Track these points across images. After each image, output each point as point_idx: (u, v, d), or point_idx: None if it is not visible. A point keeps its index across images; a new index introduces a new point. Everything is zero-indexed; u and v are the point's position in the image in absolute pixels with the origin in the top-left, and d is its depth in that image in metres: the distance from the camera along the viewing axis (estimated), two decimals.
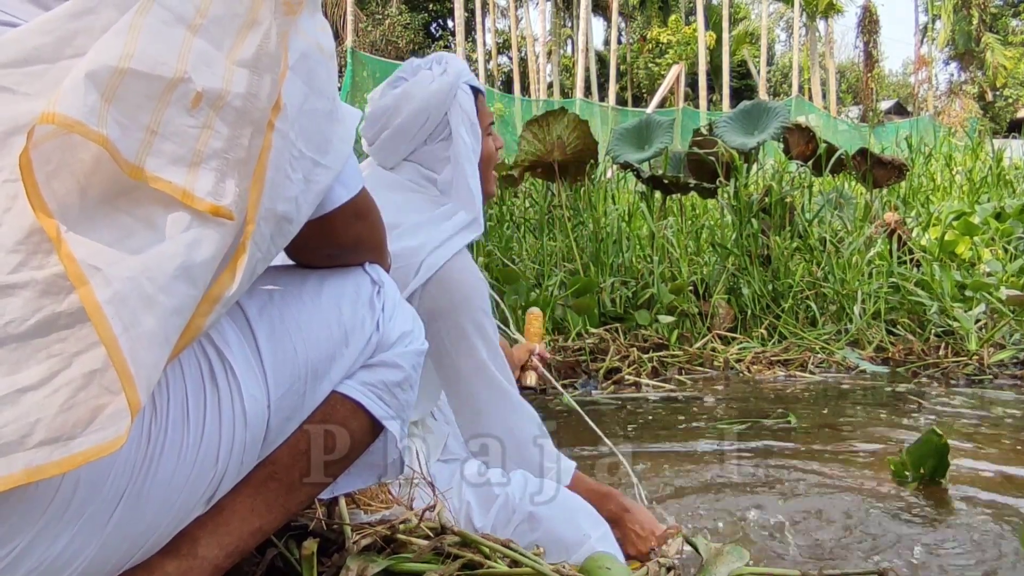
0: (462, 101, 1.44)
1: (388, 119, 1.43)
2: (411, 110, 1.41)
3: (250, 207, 0.68)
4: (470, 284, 1.37)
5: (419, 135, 1.43)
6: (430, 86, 1.42)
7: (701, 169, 4.62)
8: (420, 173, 1.45)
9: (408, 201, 1.40)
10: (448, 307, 1.34)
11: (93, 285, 0.59)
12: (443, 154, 1.45)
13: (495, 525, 1.26)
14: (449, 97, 1.43)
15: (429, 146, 1.45)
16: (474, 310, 1.36)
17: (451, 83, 1.43)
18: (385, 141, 1.44)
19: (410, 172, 1.46)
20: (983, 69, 32.20)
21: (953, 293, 3.64)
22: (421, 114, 1.41)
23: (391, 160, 1.47)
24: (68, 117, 0.58)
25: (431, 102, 1.41)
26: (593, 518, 1.31)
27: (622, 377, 3.13)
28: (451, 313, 1.34)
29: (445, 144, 1.44)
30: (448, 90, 1.42)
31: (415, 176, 1.45)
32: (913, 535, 1.61)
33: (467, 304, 1.35)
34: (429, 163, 1.45)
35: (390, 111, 1.43)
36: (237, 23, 0.69)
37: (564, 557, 1.22)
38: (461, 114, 1.44)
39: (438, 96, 1.42)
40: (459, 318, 1.35)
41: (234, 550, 0.81)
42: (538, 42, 27.63)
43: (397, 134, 1.42)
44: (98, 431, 0.60)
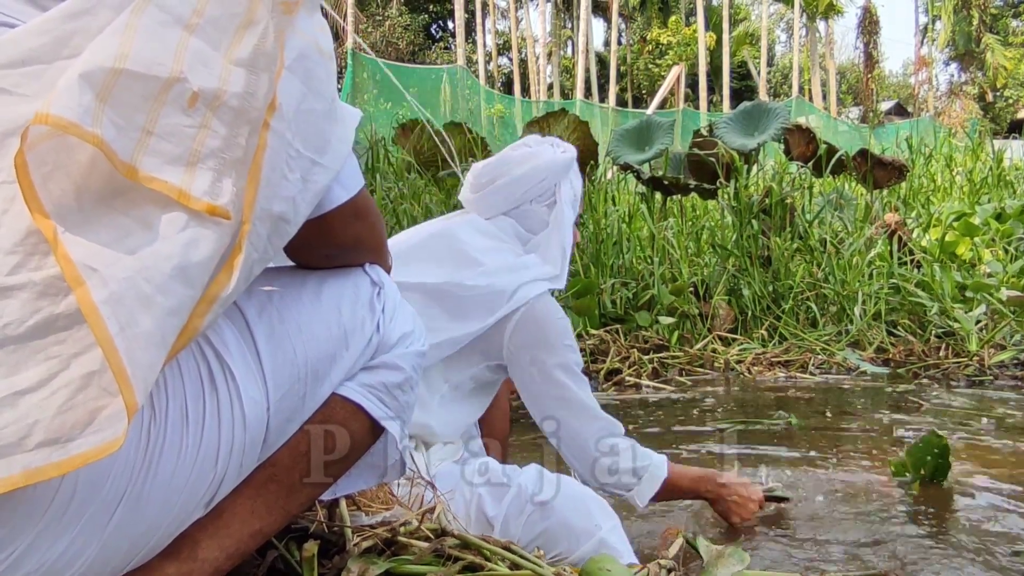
0: (573, 180, 1.62)
1: (509, 169, 1.56)
2: (532, 168, 1.55)
3: (246, 207, 0.68)
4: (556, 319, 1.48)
5: (529, 192, 1.56)
6: (553, 155, 1.58)
7: (701, 170, 4.62)
8: (515, 230, 1.58)
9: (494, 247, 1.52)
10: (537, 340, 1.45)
11: (90, 286, 0.58)
12: (542, 217, 1.58)
13: (508, 515, 1.30)
14: (564, 171, 1.59)
15: (533, 206, 1.58)
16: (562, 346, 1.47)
17: (570, 160, 1.60)
18: (498, 188, 1.56)
19: (506, 226, 1.57)
20: (983, 70, 32.21)
21: (954, 294, 3.64)
22: (539, 173, 1.56)
23: (492, 210, 1.58)
24: (62, 118, 0.58)
25: (551, 168, 1.57)
26: (605, 510, 1.34)
27: (623, 378, 3.12)
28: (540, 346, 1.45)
29: (546, 210, 1.58)
30: (567, 165, 1.59)
31: (509, 230, 1.57)
32: (913, 536, 1.61)
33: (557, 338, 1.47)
34: (528, 222, 1.58)
35: (514, 163, 1.57)
36: (234, 23, 0.69)
37: (575, 546, 1.27)
38: (570, 188, 1.60)
39: (558, 166, 1.57)
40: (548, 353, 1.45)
41: (234, 552, 0.81)
42: (538, 43, 27.66)
43: (512, 184, 1.56)
44: (97, 432, 0.60)
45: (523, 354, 1.45)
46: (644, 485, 1.48)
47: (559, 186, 1.59)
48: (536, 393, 1.47)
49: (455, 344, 1.43)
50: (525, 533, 1.28)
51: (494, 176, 1.57)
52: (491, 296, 1.43)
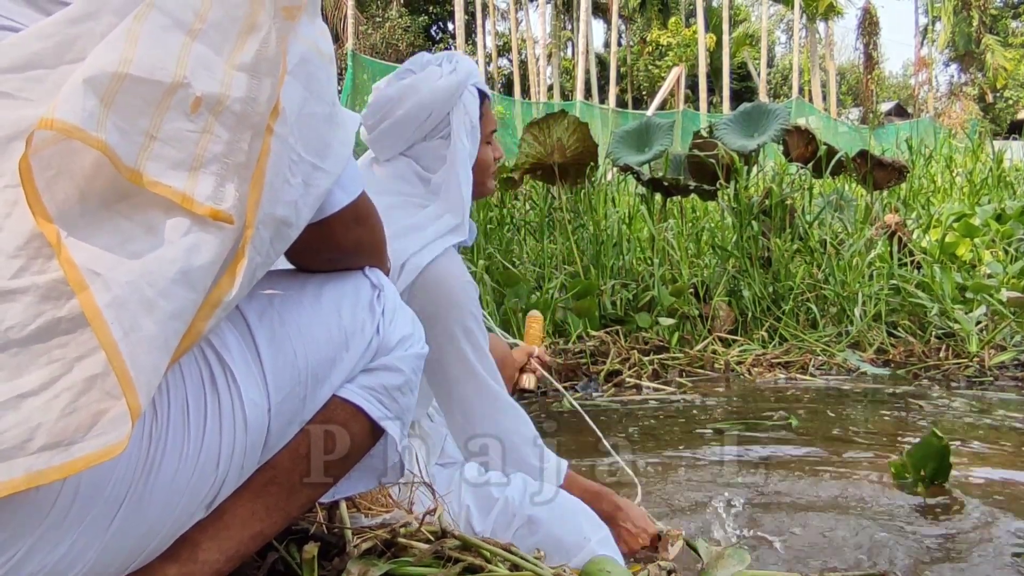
0: (467, 102, 1.43)
1: (391, 109, 1.41)
2: (415, 103, 1.39)
3: (249, 211, 0.68)
4: (457, 286, 1.35)
5: (419, 130, 1.41)
6: (437, 82, 1.40)
7: (701, 171, 4.62)
8: (414, 170, 1.43)
9: (392, 206, 1.37)
10: (434, 311, 1.32)
11: (93, 290, 0.59)
12: (440, 152, 1.43)
13: (495, 529, 1.26)
14: (454, 96, 1.41)
15: (428, 143, 1.43)
16: (462, 313, 1.34)
17: (459, 82, 1.41)
18: (385, 131, 1.42)
19: (404, 168, 1.44)
20: (983, 71, 32.22)
21: (954, 295, 3.64)
22: (424, 108, 1.39)
23: (387, 152, 1.45)
24: (67, 122, 0.59)
25: (436, 98, 1.40)
26: (593, 521, 1.31)
27: (623, 380, 3.12)
28: (438, 317, 1.32)
29: (444, 143, 1.42)
30: (455, 89, 1.41)
31: (408, 172, 1.43)
32: (914, 537, 1.61)
33: (454, 307, 1.34)
34: (425, 161, 1.43)
35: (393, 101, 1.41)
36: (236, 28, 0.69)
37: (564, 560, 1.23)
38: (464, 116, 1.42)
39: (443, 93, 1.40)
40: (447, 322, 1.33)
41: (235, 554, 0.81)
42: (538, 44, 27.66)
43: (397, 125, 1.40)
44: (99, 436, 0.60)
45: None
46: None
47: (452, 115, 1.41)
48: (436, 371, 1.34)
49: None
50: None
51: (380, 117, 1.42)
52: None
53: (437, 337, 1.31)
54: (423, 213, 1.39)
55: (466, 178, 1.42)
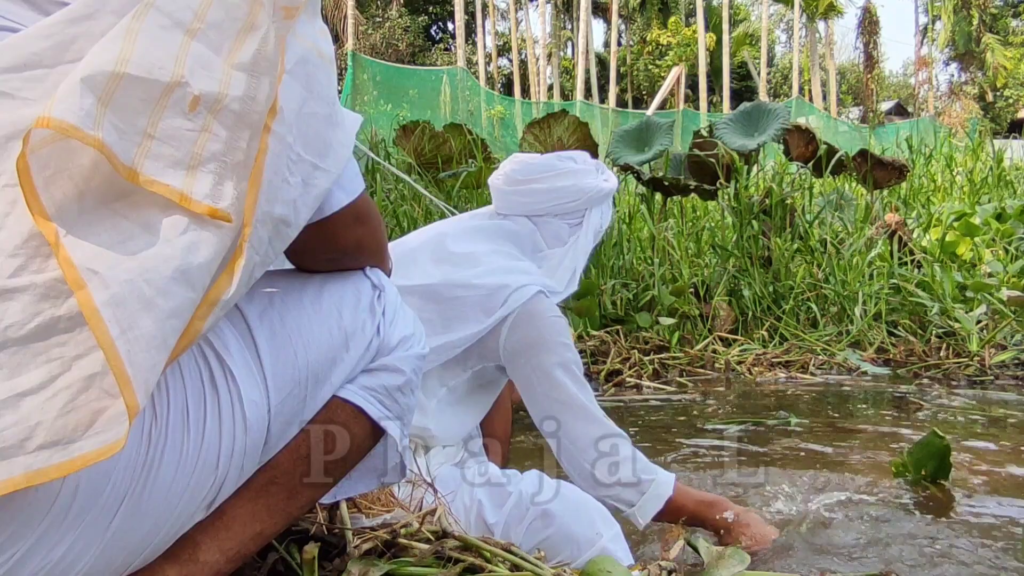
0: (605, 211, 1.62)
1: (553, 177, 1.56)
2: (574, 185, 1.56)
3: (247, 210, 0.68)
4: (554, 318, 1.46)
5: (560, 207, 1.57)
6: (595, 181, 1.58)
7: (701, 171, 4.62)
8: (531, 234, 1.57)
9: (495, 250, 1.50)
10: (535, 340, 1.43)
11: (91, 288, 0.59)
12: (563, 236, 1.58)
13: (508, 522, 1.28)
14: (602, 199, 1.60)
15: (558, 221, 1.58)
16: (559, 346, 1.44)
17: (608, 191, 1.60)
18: (535, 191, 1.56)
19: (523, 228, 1.57)
20: (983, 70, 32.23)
21: (954, 294, 3.64)
22: (578, 193, 1.56)
23: (518, 208, 1.58)
24: (63, 121, 0.58)
25: (588, 193, 1.57)
26: (606, 518, 1.32)
27: (623, 379, 3.12)
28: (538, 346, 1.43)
29: (569, 229, 1.58)
30: (604, 194, 1.60)
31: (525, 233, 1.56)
32: (914, 537, 1.61)
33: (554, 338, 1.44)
34: (547, 234, 1.58)
35: (557, 172, 1.56)
36: (235, 27, 0.69)
37: (576, 554, 1.25)
38: (600, 219, 1.60)
39: (595, 192, 1.58)
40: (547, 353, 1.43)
41: (235, 555, 0.81)
42: (538, 44, 27.67)
43: (548, 192, 1.56)
44: (98, 434, 0.60)
45: (520, 355, 1.43)
46: (647, 501, 1.41)
47: (590, 211, 1.58)
48: (535, 395, 1.44)
49: (451, 348, 1.41)
50: (526, 541, 1.27)
51: (534, 177, 1.56)
52: (487, 298, 1.42)
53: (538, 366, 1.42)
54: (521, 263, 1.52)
55: (580, 266, 1.58)
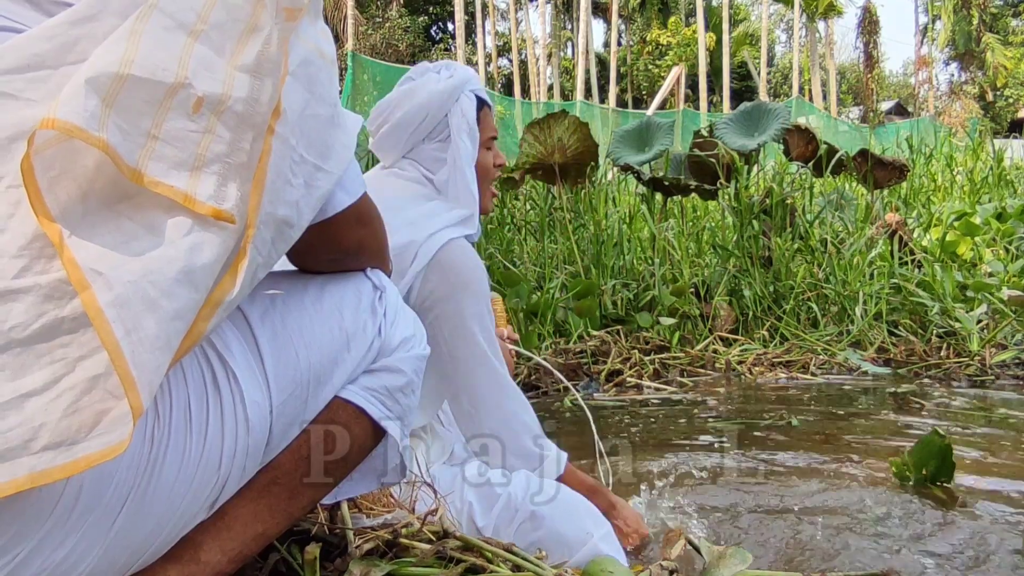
0: (464, 106, 1.47)
1: (390, 113, 1.47)
2: (412, 105, 1.45)
3: (250, 211, 0.68)
4: (468, 268, 1.37)
5: (417, 132, 1.46)
6: (434, 86, 1.46)
7: (702, 171, 4.63)
8: (418, 170, 1.48)
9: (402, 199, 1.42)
10: (447, 292, 1.34)
11: (95, 289, 0.59)
12: (440, 155, 1.48)
13: (497, 525, 1.27)
14: (451, 99, 1.46)
15: (426, 145, 1.48)
16: (475, 297, 1.36)
17: (455, 86, 1.46)
18: (385, 134, 1.48)
19: (408, 169, 1.49)
20: (983, 69, 32.22)
21: (955, 294, 3.64)
22: (421, 110, 1.45)
23: (390, 156, 1.50)
24: (68, 122, 0.59)
25: (432, 101, 1.45)
26: (596, 517, 1.31)
27: (624, 379, 3.12)
28: (449, 298, 1.34)
29: (443, 145, 1.47)
30: (450, 92, 1.46)
31: (412, 173, 1.48)
32: (915, 537, 1.61)
33: (466, 289, 1.35)
34: (426, 162, 1.48)
35: (392, 105, 1.47)
36: (238, 29, 0.70)
37: (567, 556, 1.23)
38: (461, 119, 1.47)
39: (440, 96, 1.45)
40: (458, 304, 1.34)
41: (237, 555, 0.81)
42: (538, 44, 27.66)
43: (396, 128, 1.46)
44: (102, 435, 0.60)
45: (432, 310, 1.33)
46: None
47: (450, 116, 1.46)
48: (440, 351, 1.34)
49: None
50: (516, 543, 1.27)
51: (381, 121, 1.48)
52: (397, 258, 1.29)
53: (448, 319, 1.33)
54: (430, 204, 1.43)
55: (472, 175, 1.46)
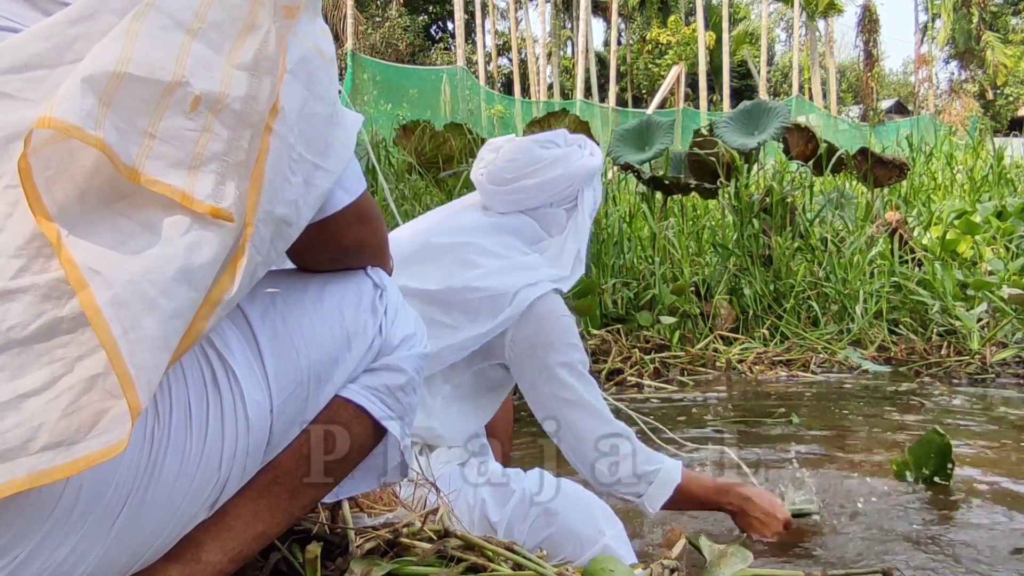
0: (596, 187, 1.61)
1: (539, 170, 1.53)
2: (563, 173, 1.53)
3: (249, 210, 0.68)
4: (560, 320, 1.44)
5: (554, 196, 1.55)
6: (582, 161, 1.56)
7: (702, 170, 4.63)
8: (531, 228, 1.55)
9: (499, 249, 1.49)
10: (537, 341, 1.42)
11: (93, 289, 0.59)
12: (561, 221, 1.57)
13: (511, 520, 1.28)
14: (591, 177, 1.58)
15: (554, 209, 1.56)
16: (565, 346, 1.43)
17: (596, 167, 1.59)
18: (525, 187, 1.53)
19: (522, 223, 1.55)
20: (983, 68, 32.21)
21: (955, 292, 3.64)
22: (568, 180, 1.54)
23: (512, 206, 1.55)
24: (65, 122, 0.58)
25: (579, 174, 1.54)
26: (609, 516, 1.33)
27: (624, 378, 3.12)
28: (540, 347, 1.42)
29: (566, 214, 1.57)
30: (593, 171, 1.58)
31: (524, 228, 1.55)
32: (916, 535, 1.61)
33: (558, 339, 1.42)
34: (546, 224, 1.56)
35: (545, 164, 1.53)
36: (236, 27, 0.69)
37: (579, 552, 1.25)
38: (592, 197, 1.59)
39: (585, 172, 1.55)
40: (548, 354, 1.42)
41: (238, 555, 0.81)
42: (538, 44, 27.66)
43: (541, 187, 1.53)
44: (101, 435, 0.60)
45: (525, 354, 1.42)
46: (654, 491, 1.42)
47: (583, 192, 1.56)
48: (540, 395, 1.42)
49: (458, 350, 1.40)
50: (529, 539, 1.27)
51: (521, 174, 1.53)
52: (493, 300, 1.40)
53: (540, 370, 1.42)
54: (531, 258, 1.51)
55: (583, 248, 1.57)
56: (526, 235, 1.54)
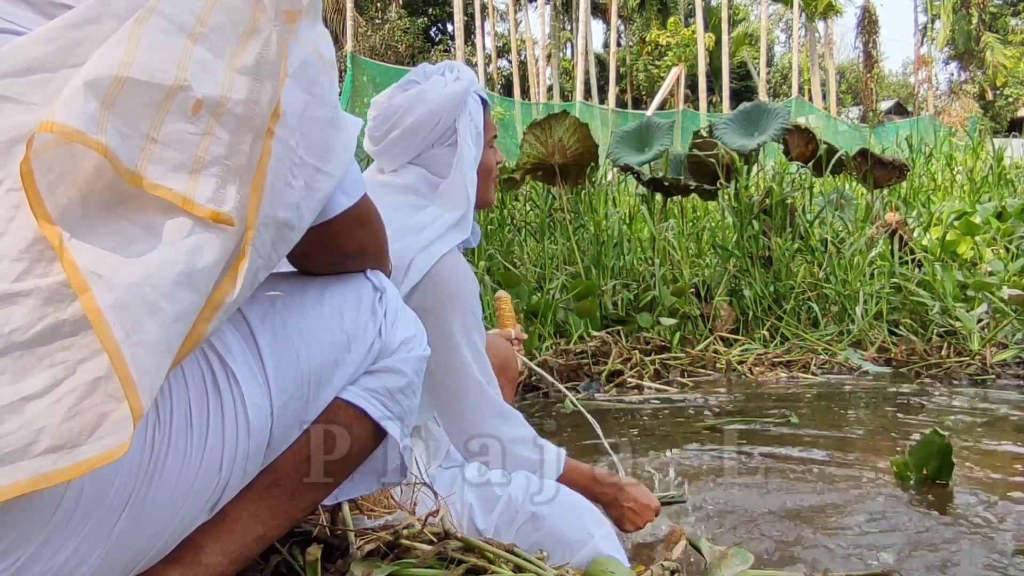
0: (472, 109, 1.47)
1: (400, 118, 1.44)
2: (424, 111, 1.42)
3: (250, 213, 0.68)
4: (458, 281, 1.37)
5: (428, 137, 1.44)
6: (444, 90, 1.44)
7: (702, 171, 4.63)
8: (424, 177, 1.46)
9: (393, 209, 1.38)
10: (435, 304, 1.33)
11: (95, 292, 0.59)
12: (447, 159, 1.46)
13: (498, 526, 1.27)
14: (460, 103, 1.45)
15: (435, 150, 1.46)
16: (462, 313, 1.35)
17: (464, 89, 1.45)
18: (395, 140, 1.44)
19: (413, 175, 1.46)
20: (983, 68, 32.21)
21: (955, 293, 3.64)
22: (433, 116, 1.43)
23: (396, 161, 1.47)
24: (67, 126, 0.59)
25: (444, 105, 1.43)
26: (596, 517, 1.31)
27: (624, 380, 3.12)
28: (438, 310, 1.33)
29: (450, 150, 1.46)
30: (460, 96, 1.45)
31: (417, 180, 1.46)
32: (916, 536, 1.61)
33: (454, 301, 1.35)
34: (434, 167, 1.46)
35: (402, 110, 1.44)
36: (237, 31, 0.70)
37: (568, 556, 1.23)
38: (469, 122, 1.46)
39: (451, 100, 1.43)
40: (446, 315, 1.34)
41: (238, 557, 0.81)
42: (537, 45, 27.66)
43: (408, 133, 1.43)
44: (103, 438, 0.60)
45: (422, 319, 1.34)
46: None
47: (458, 121, 1.45)
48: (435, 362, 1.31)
49: None
50: (517, 544, 1.27)
51: (387, 128, 1.45)
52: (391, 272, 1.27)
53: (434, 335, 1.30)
54: (423, 214, 1.42)
55: (471, 179, 1.45)
56: (420, 187, 1.46)
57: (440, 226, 1.39)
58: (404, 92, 1.46)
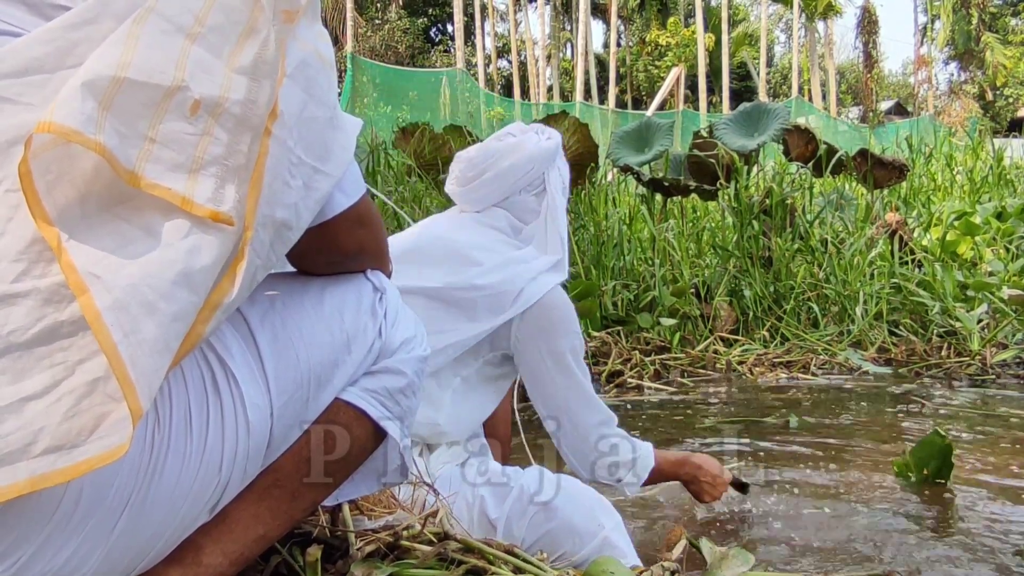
0: (560, 165, 1.63)
1: (496, 161, 1.56)
2: (521, 156, 1.55)
3: (248, 213, 0.68)
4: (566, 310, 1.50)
5: (519, 182, 1.57)
6: (539, 144, 1.58)
7: (702, 171, 4.63)
8: (508, 220, 1.57)
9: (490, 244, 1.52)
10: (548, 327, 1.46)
11: (93, 293, 0.59)
12: (533, 206, 1.58)
13: (510, 516, 1.30)
14: (552, 157, 1.60)
15: (523, 196, 1.58)
16: (571, 334, 1.48)
17: (556, 145, 1.61)
18: (487, 180, 1.56)
19: (499, 218, 1.57)
20: (983, 68, 32.22)
21: (955, 293, 3.64)
22: (529, 162, 1.56)
23: (483, 202, 1.58)
24: (65, 126, 0.59)
25: (538, 156, 1.57)
26: (607, 509, 1.34)
27: (624, 380, 3.12)
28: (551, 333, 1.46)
29: (536, 198, 1.58)
30: (553, 151, 1.60)
31: (501, 221, 1.57)
32: (917, 536, 1.61)
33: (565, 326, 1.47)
34: (519, 212, 1.58)
35: (499, 154, 1.56)
36: (236, 31, 0.69)
37: (579, 546, 1.27)
38: (558, 176, 1.61)
39: (544, 153, 1.58)
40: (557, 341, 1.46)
41: (238, 558, 0.81)
42: (537, 46, 27.68)
43: (502, 175, 1.55)
44: (102, 439, 0.60)
45: (530, 343, 1.46)
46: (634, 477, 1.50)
47: (547, 174, 1.59)
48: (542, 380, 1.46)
49: (462, 346, 1.42)
50: (528, 535, 1.28)
51: (481, 169, 1.57)
52: (497, 296, 1.43)
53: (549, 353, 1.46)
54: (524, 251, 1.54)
55: (564, 225, 1.59)
56: (504, 227, 1.57)
57: (543, 264, 1.52)
58: (500, 142, 1.59)
